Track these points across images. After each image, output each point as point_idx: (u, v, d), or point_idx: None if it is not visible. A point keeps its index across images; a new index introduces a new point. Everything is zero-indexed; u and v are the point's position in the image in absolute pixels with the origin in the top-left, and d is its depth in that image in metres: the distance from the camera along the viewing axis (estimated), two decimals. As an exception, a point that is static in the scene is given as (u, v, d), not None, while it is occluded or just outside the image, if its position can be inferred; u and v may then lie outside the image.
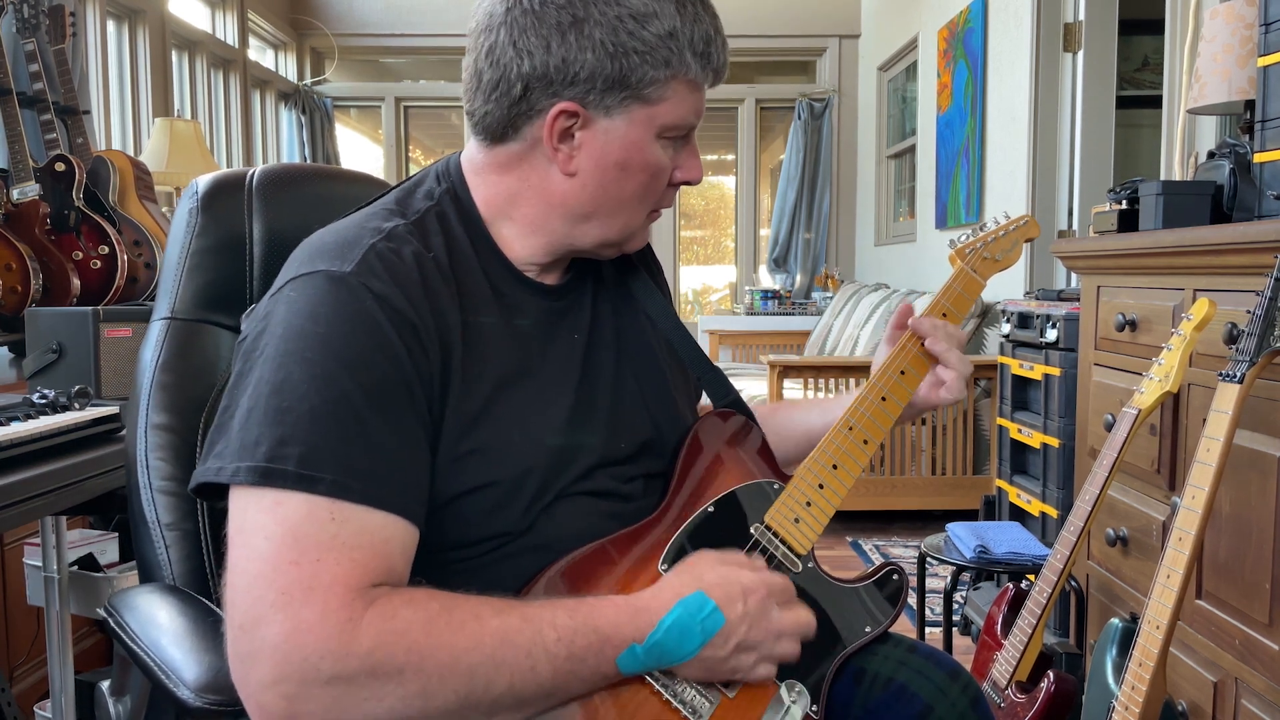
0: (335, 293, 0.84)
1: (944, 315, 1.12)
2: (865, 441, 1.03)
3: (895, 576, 1.02)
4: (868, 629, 1.00)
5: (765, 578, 0.90)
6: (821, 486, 1.00)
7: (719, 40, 0.93)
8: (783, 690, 0.92)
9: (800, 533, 0.99)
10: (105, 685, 1.03)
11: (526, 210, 0.96)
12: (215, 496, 0.83)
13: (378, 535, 0.80)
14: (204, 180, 1.19)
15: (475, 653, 0.78)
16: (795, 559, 0.99)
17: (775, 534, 0.98)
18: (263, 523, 0.78)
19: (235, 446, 0.80)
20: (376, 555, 0.79)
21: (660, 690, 0.87)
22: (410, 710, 0.77)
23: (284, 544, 0.77)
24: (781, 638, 0.89)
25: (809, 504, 1.00)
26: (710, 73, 0.94)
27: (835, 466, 1.01)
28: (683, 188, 1.01)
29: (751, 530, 0.98)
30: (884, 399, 1.06)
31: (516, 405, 0.91)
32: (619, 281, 1.07)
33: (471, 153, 0.99)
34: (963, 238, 1.19)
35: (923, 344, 1.09)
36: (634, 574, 0.92)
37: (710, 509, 0.97)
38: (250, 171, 1.21)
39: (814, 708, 0.93)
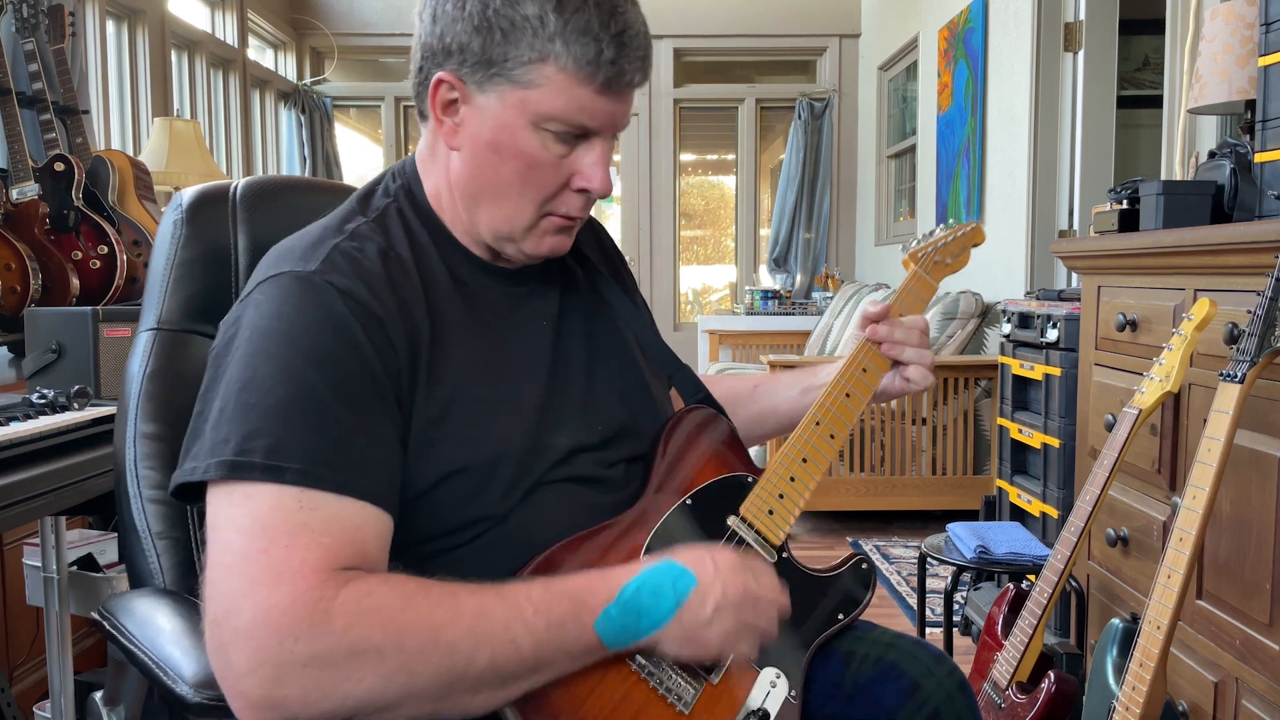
0: (300, 291, 0.86)
1: (900, 316, 1.16)
2: (832, 436, 1.08)
3: (864, 565, 1.08)
4: (840, 615, 1.04)
5: (739, 553, 0.92)
6: (793, 479, 1.04)
7: (608, 37, 0.89)
8: (764, 677, 0.95)
9: (774, 524, 1.02)
10: (98, 695, 1.03)
11: (446, 197, 0.99)
12: (194, 498, 0.84)
13: (349, 523, 0.81)
14: (188, 193, 1.21)
15: (453, 628, 0.78)
16: (770, 549, 1.01)
17: (750, 525, 1.01)
18: (233, 516, 0.79)
19: (207, 446, 0.82)
20: (348, 542, 0.80)
21: (646, 679, 0.88)
22: (392, 689, 0.77)
23: (253, 534, 0.78)
24: (759, 603, 0.89)
25: (781, 496, 1.03)
26: (596, 68, 0.89)
27: (805, 460, 1.05)
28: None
29: (728, 522, 1.00)
30: (848, 395, 1.11)
31: (485, 392, 0.93)
32: (587, 279, 1.10)
33: (419, 142, 1.02)
34: (914, 243, 1.24)
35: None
36: (615, 565, 0.93)
37: (688, 501, 1.00)
38: (234, 184, 1.22)
39: (793, 693, 0.96)
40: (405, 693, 0.77)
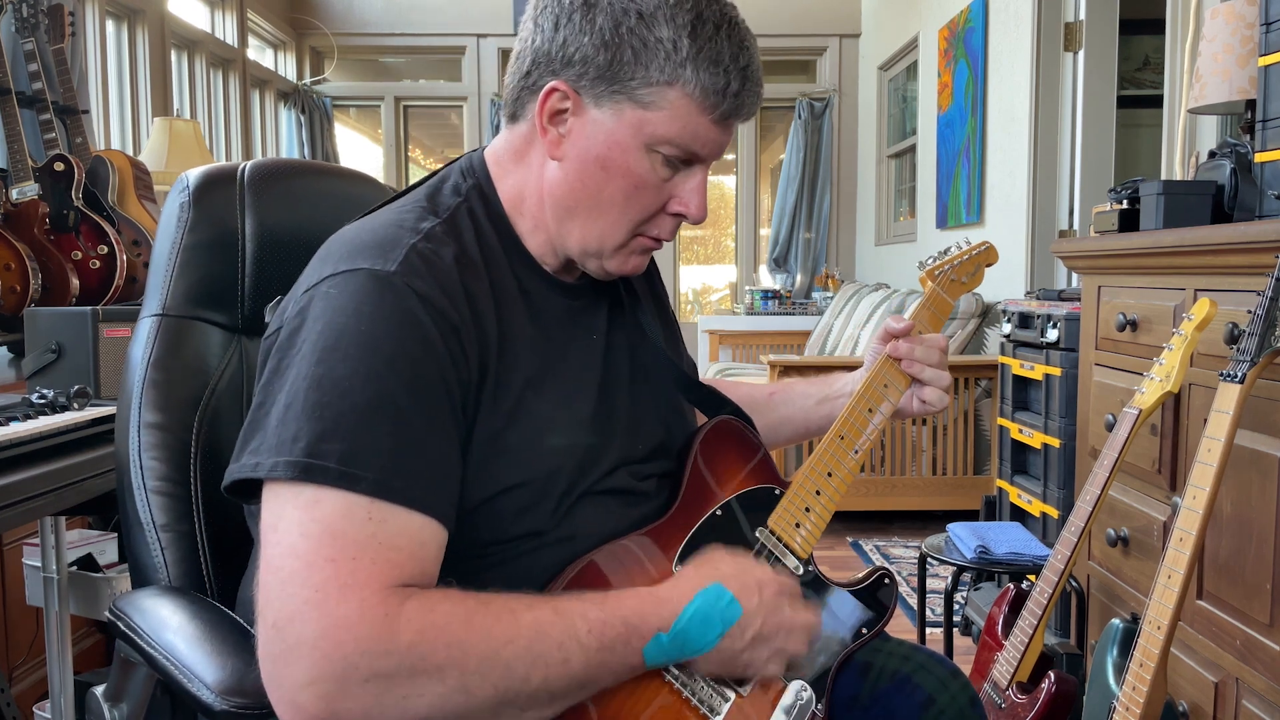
0: (379, 291, 0.84)
1: (919, 333, 1.17)
2: (855, 451, 1.09)
3: (887, 581, 1.08)
4: (864, 630, 1.05)
5: (777, 575, 0.93)
6: (819, 493, 1.05)
7: (735, 71, 0.91)
8: (791, 690, 0.96)
9: (801, 537, 1.02)
10: (99, 690, 1.02)
11: (531, 204, 0.97)
12: (248, 495, 0.82)
13: (415, 537, 0.79)
14: (194, 174, 1.16)
15: (512, 646, 0.78)
16: (798, 562, 1.02)
17: (778, 538, 1.01)
18: (299, 520, 0.77)
19: (272, 442, 0.79)
20: (413, 557, 0.79)
21: (680, 689, 0.89)
22: (450, 706, 0.76)
23: (321, 541, 0.76)
24: (793, 633, 0.92)
25: (808, 510, 1.03)
26: (720, 98, 0.91)
27: (830, 474, 1.06)
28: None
29: (756, 534, 1.01)
30: (870, 410, 1.12)
31: (543, 406, 0.92)
32: (629, 295, 1.09)
33: (496, 143, 1.00)
34: (930, 260, 1.24)
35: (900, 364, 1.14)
36: (650, 574, 0.94)
37: (718, 512, 1.00)
38: (242, 165, 1.19)
39: (819, 706, 0.97)
40: (460, 711, 0.77)
